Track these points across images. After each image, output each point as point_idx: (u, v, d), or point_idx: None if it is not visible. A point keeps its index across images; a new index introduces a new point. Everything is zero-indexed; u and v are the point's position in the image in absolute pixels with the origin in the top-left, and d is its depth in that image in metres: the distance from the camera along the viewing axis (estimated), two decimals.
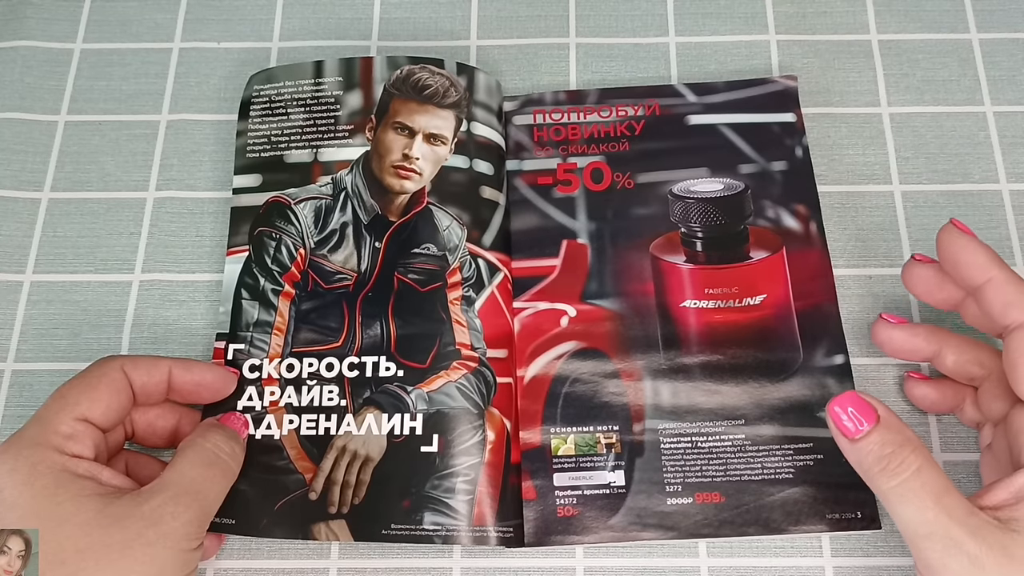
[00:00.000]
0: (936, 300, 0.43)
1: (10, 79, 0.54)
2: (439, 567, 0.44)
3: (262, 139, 0.50)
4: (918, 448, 0.36)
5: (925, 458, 0.36)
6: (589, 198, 0.50)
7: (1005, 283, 0.38)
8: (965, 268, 0.39)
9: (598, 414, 0.46)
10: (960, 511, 0.35)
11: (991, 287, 0.38)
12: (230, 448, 0.41)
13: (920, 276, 0.42)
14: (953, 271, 0.40)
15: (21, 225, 0.51)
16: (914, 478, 0.35)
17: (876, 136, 0.52)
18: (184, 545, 0.37)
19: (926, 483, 0.35)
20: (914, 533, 0.35)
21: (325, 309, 0.46)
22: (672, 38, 0.55)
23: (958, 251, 0.39)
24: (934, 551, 0.35)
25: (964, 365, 0.43)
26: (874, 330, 0.44)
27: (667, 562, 0.44)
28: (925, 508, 0.35)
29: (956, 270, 0.40)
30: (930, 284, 0.42)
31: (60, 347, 0.48)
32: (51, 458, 0.37)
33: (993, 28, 0.54)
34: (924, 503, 0.35)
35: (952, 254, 0.40)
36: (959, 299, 0.42)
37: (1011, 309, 0.38)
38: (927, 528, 0.35)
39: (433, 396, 0.44)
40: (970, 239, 0.39)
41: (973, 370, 0.43)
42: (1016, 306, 0.38)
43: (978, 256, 0.39)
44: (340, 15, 0.56)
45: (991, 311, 0.39)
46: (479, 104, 0.50)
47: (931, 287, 0.42)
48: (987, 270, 0.39)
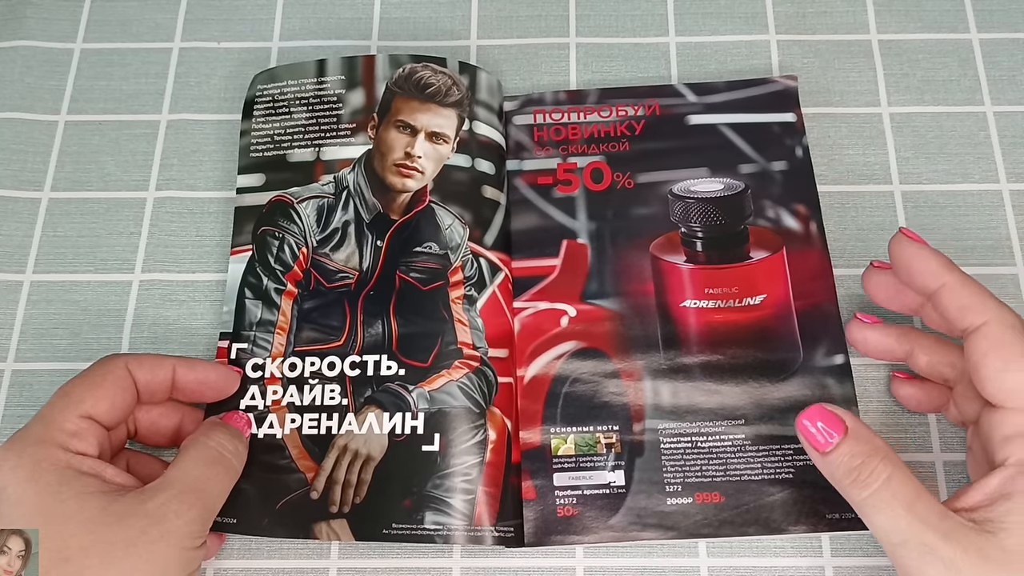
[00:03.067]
0: (897, 306, 0.43)
1: (10, 79, 0.54)
2: (439, 567, 0.44)
3: (265, 138, 0.50)
4: (887, 456, 0.37)
5: (895, 465, 0.36)
6: (589, 198, 0.50)
7: (959, 287, 0.39)
8: (919, 276, 0.40)
9: (598, 414, 0.46)
10: (933, 516, 0.35)
11: (945, 292, 0.39)
12: (233, 447, 0.41)
13: (879, 283, 0.43)
14: (907, 279, 0.41)
15: (21, 225, 0.51)
16: (884, 487, 0.36)
17: (876, 136, 0.52)
18: (187, 543, 0.37)
19: (897, 491, 0.36)
20: (889, 542, 0.36)
21: (327, 308, 0.46)
22: (672, 38, 0.55)
23: (910, 259, 0.40)
24: (910, 558, 0.35)
25: (936, 366, 0.43)
26: (848, 329, 0.45)
27: (667, 562, 0.44)
28: (897, 516, 0.35)
29: (910, 278, 0.40)
30: (889, 290, 0.43)
31: (60, 347, 0.48)
32: (55, 455, 0.37)
33: (993, 28, 0.55)
34: (896, 511, 0.35)
35: (905, 262, 0.40)
36: (919, 304, 0.42)
37: (967, 313, 0.38)
38: (901, 536, 0.35)
39: (435, 395, 0.44)
40: (921, 246, 0.40)
41: (945, 371, 0.43)
42: (971, 309, 0.38)
43: (930, 263, 0.39)
44: (340, 15, 0.56)
45: (948, 316, 0.39)
46: (481, 103, 0.50)
47: (890, 293, 0.43)
48: (940, 276, 0.39)
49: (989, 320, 0.38)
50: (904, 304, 0.43)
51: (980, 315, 0.38)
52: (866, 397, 0.46)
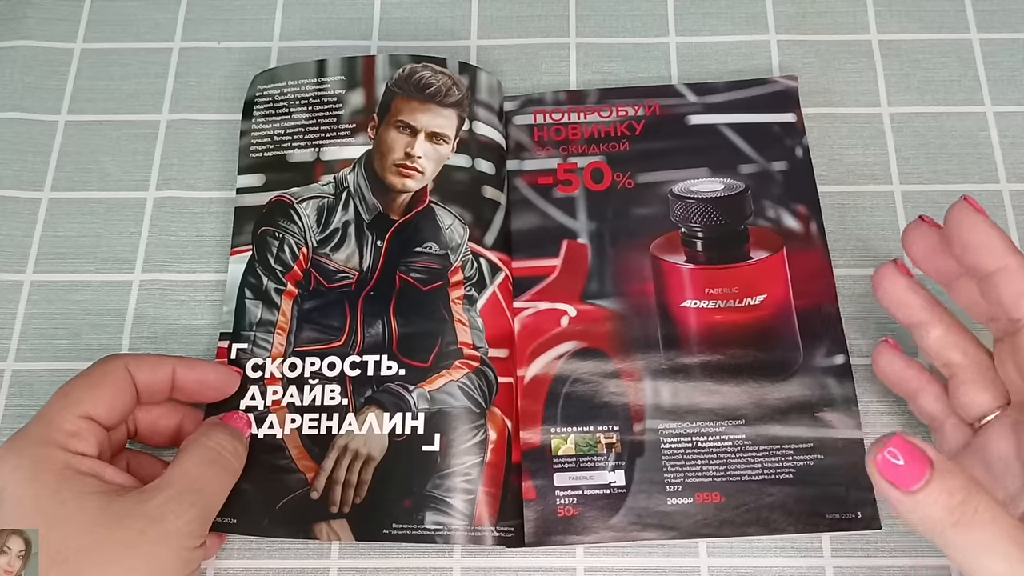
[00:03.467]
0: (931, 267, 0.40)
1: (10, 79, 0.54)
2: (439, 567, 0.44)
3: (265, 139, 0.50)
4: (981, 488, 0.32)
5: (991, 498, 0.32)
6: (589, 198, 0.50)
7: (1020, 271, 0.36)
8: (976, 251, 0.37)
9: (598, 414, 0.46)
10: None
11: (1004, 275, 0.36)
12: (233, 447, 0.41)
13: (923, 236, 0.40)
14: (962, 252, 0.37)
15: (21, 225, 0.51)
16: (993, 527, 0.31)
17: (876, 136, 0.52)
18: (187, 543, 0.37)
19: (1007, 530, 0.31)
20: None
21: (327, 308, 0.46)
22: (672, 38, 0.55)
23: (970, 231, 0.37)
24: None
25: (946, 346, 0.40)
26: (879, 275, 0.41)
27: (667, 562, 0.44)
28: (1013, 559, 0.30)
29: (966, 251, 0.37)
30: (929, 249, 0.40)
31: (60, 347, 0.48)
32: (55, 456, 0.37)
33: (993, 28, 0.55)
34: (1011, 553, 0.31)
35: (964, 233, 0.37)
36: (955, 275, 0.40)
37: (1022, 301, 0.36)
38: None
39: (435, 395, 0.44)
40: (984, 219, 0.37)
41: (952, 355, 0.40)
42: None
43: (993, 240, 0.36)
44: (340, 15, 0.56)
45: (1002, 300, 0.36)
46: (481, 103, 0.50)
47: (929, 252, 0.40)
48: (1002, 256, 0.36)
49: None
50: (940, 269, 0.40)
51: None
52: (866, 397, 0.46)
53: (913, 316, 0.41)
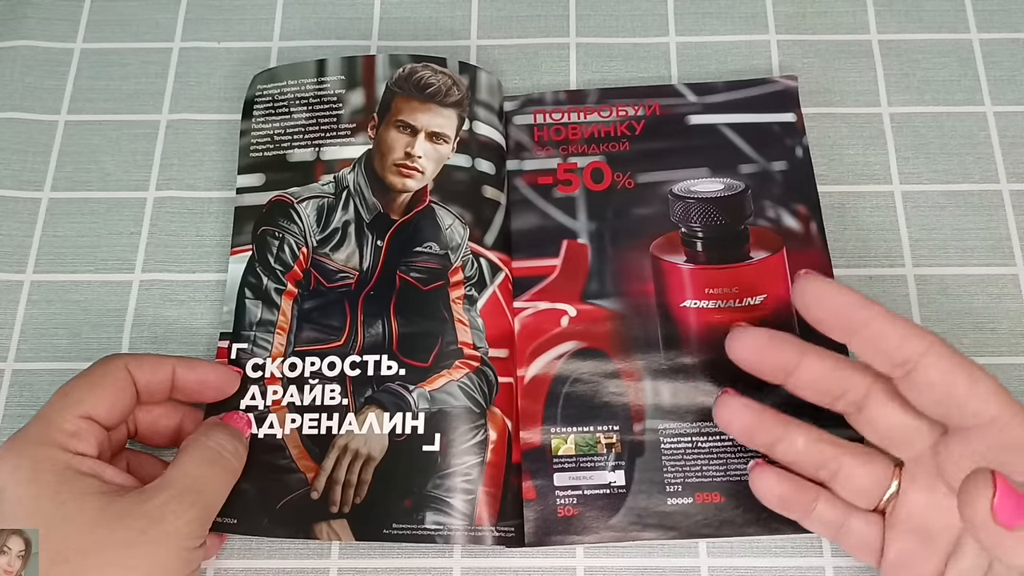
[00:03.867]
0: (765, 366, 0.39)
1: (10, 79, 0.54)
2: (439, 567, 0.44)
3: (265, 138, 0.50)
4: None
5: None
6: (589, 198, 0.50)
7: (893, 316, 0.36)
8: (839, 311, 0.36)
9: (598, 414, 0.46)
10: None
11: (880, 322, 0.35)
12: (233, 447, 0.41)
13: (751, 334, 0.39)
14: (824, 318, 0.36)
15: (21, 225, 0.51)
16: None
17: (876, 136, 0.52)
18: (187, 544, 0.37)
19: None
20: None
21: (327, 308, 0.46)
22: (672, 38, 0.55)
23: (824, 296, 0.36)
24: None
25: (817, 445, 0.39)
26: (719, 409, 0.40)
27: (667, 562, 0.44)
28: None
29: (827, 316, 0.36)
30: (759, 344, 0.39)
31: (60, 347, 0.48)
32: (55, 456, 0.37)
33: (993, 28, 0.55)
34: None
35: (820, 300, 0.36)
36: (792, 366, 0.38)
37: (910, 339, 0.35)
38: None
39: (435, 395, 0.44)
40: (831, 281, 0.37)
41: (827, 450, 0.39)
42: (915, 334, 0.35)
43: (851, 295, 0.36)
44: (340, 14, 0.56)
45: (887, 348, 0.35)
46: (481, 103, 0.50)
47: (760, 348, 0.39)
48: (867, 306, 0.36)
49: (934, 340, 0.35)
50: (775, 364, 0.38)
51: (925, 337, 0.35)
52: None
53: (770, 434, 0.40)
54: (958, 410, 0.35)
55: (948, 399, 0.35)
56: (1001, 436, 0.35)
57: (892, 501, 0.39)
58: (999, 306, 0.48)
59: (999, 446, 0.35)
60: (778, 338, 0.39)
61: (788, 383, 0.39)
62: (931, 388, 0.35)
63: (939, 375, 0.35)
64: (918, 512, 0.38)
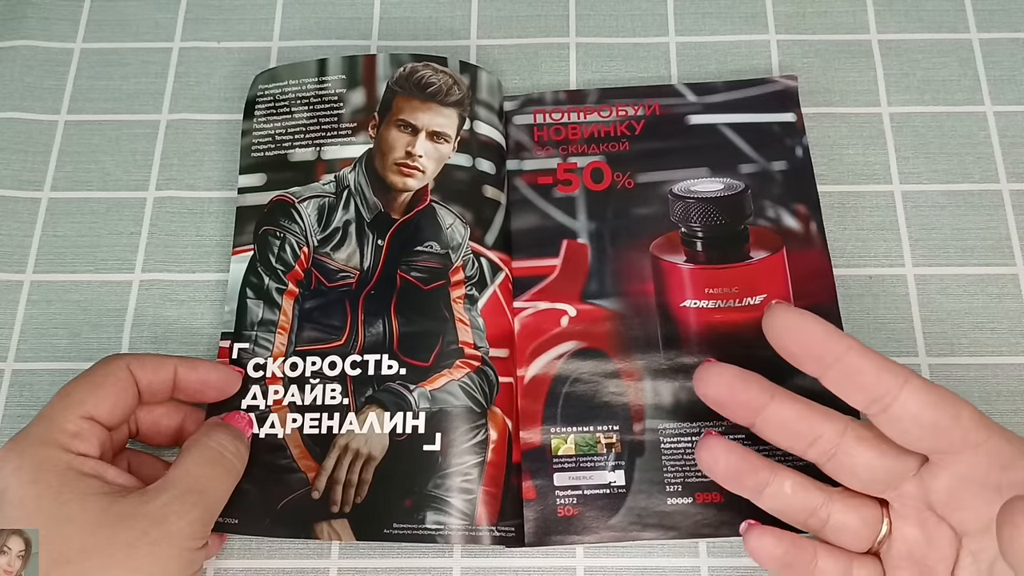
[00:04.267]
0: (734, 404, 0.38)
1: (10, 79, 0.54)
2: (439, 567, 0.44)
3: (266, 138, 0.50)
4: None
5: None
6: (589, 198, 0.50)
7: (867, 349, 0.35)
8: (813, 344, 0.36)
9: (598, 414, 0.46)
10: None
11: (855, 356, 0.35)
12: (235, 447, 0.41)
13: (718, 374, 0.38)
14: (798, 351, 0.36)
15: (21, 225, 0.51)
16: None
17: (876, 136, 0.52)
18: (189, 544, 0.37)
19: None
20: None
21: (328, 307, 0.46)
22: (672, 38, 0.55)
23: (800, 327, 0.36)
24: None
25: (806, 491, 0.38)
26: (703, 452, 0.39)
27: (667, 562, 0.44)
28: None
29: (802, 349, 0.36)
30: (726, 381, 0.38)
31: (60, 347, 0.48)
32: (57, 456, 0.36)
33: (993, 28, 0.55)
34: None
35: (794, 332, 0.36)
36: (761, 406, 0.38)
37: (885, 374, 0.35)
38: None
39: (436, 395, 0.44)
40: (805, 313, 0.36)
41: (815, 496, 0.38)
42: (890, 368, 0.35)
43: (825, 328, 0.36)
44: (340, 14, 0.56)
45: (863, 381, 0.35)
46: (481, 103, 0.50)
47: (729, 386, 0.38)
48: (842, 339, 0.35)
49: (909, 374, 0.35)
50: (743, 403, 0.38)
51: (900, 371, 0.35)
52: None
53: (758, 477, 0.39)
54: (945, 440, 0.35)
55: (933, 430, 0.35)
56: (989, 459, 0.35)
57: (885, 541, 0.39)
58: (999, 306, 0.48)
59: (988, 468, 0.35)
60: (746, 375, 0.38)
61: (756, 424, 0.39)
62: (914, 421, 0.35)
63: (921, 407, 0.35)
64: (914, 547, 0.38)
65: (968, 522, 0.36)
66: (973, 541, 0.37)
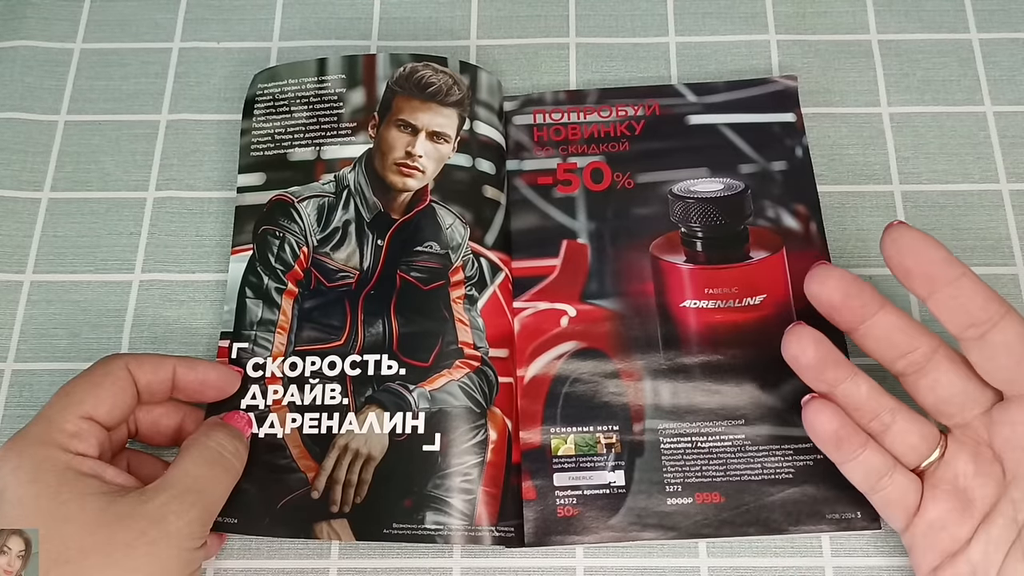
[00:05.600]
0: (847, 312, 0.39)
1: (10, 79, 0.54)
2: (439, 567, 0.44)
3: (266, 137, 0.50)
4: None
5: None
6: (589, 198, 0.50)
7: (978, 278, 0.37)
8: (931, 265, 0.37)
9: (598, 414, 0.46)
10: None
11: (967, 280, 0.37)
12: (234, 447, 0.41)
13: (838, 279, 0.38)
14: (913, 267, 0.37)
15: (21, 225, 0.51)
16: None
17: (876, 136, 0.52)
18: (187, 544, 0.37)
19: None
20: None
21: (328, 307, 0.46)
22: (672, 38, 0.55)
23: (919, 247, 0.37)
24: None
25: (879, 393, 0.39)
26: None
27: (667, 562, 0.44)
28: None
29: (917, 266, 0.37)
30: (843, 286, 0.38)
31: (60, 347, 0.48)
32: (56, 456, 0.37)
33: (993, 28, 0.55)
34: None
35: (914, 252, 0.37)
36: (869, 316, 0.39)
37: (992, 302, 0.37)
38: None
39: (435, 395, 0.44)
40: (924, 235, 0.37)
41: (885, 400, 0.39)
42: (996, 298, 0.37)
43: (943, 251, 0.37)
44: (340, 14, 0.56)
45: (971, 307, 0.36)
46: (481, 103, 0.50)
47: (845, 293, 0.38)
48: (958, 265, 0.37)
49: (1010, 308, 0.37)
50: (855, 308, 0.39)
51: (1003, 303, 0.37)
52: None
53: (839, 372, 0.39)
54: None
55: (1020, 363, 0.36)
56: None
57: (934, 465, 0.40)
58: None
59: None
60: (860, 282, 0.39)
61: (859, 331, 0.39)
62: (1007, 350, 0.36)
63: (1016, 339, 0.36)
64: (961, 476, 0.39)
65: (1022, 465, 0.37)
66: (1019, 488, 0.37)
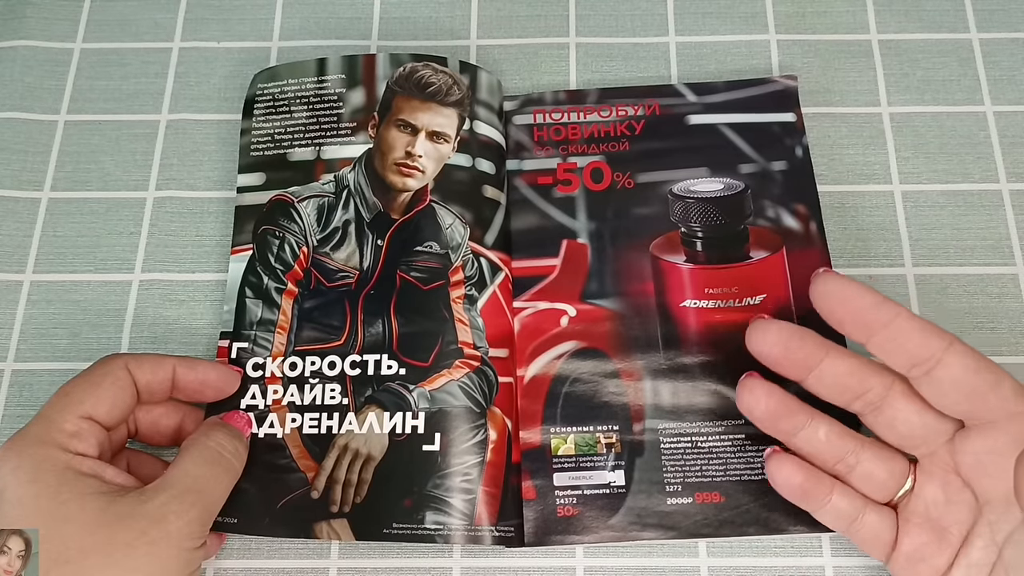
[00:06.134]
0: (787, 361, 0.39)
1: (10, 79, 0.54)
2: (439, 567, 0.44)
3: (265, 137, 0.50)
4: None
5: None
6: (589, 198, 0.50)
7: (912, 315, 0.36)
8: (863, 311, 0.36)
9: (598, 414, 0.46)
10: None
11: (903, 321, 0.36)
12: (233, 447, 0.41)
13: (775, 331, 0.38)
14: (845, 317, 0.37)
15: (21, 225, 0.51)
16: None
17: (876, 136, 0.52)
18: (187, 544, 0.37)
19: None
20: None
21: (327, 307, 0.46)
22: (672, 38, 0.55)
23: (848, 295, 0.36)
24: None
25: (840, 436, 0.39)
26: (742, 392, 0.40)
27: (667, 562, 0.44)
28: None
29: (850, 315, 0.37)
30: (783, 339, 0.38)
31: (60, 347, 0.48)
32: (55, 456, 0.37)
33: (993, 28, 0.55)
34: None
35: (843, 300, 0.37)
36: (815, 363, 0.38)
37: (931, 338, 0.36)
38: None
39: (435, 395, 0.44)
40: (853, 281, 0.37)
41: (847, 442, 0.39)
42: (935, 333, 0.36)
43: (874, 295, 0.36)
44: (340, 14, 0.56)
45: (909, 347, 0.36)
46: (481, 103, 0.50)
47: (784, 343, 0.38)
48: (891, 307, 0.36)
49: (953, 339, 0.36)
50: (799, 359, 0.38)
51: (944, 336, 0.36)
52: None
53: (793, 421, 0.39)
54: (983, 406, 0.36)
55: (972, 396, 0.36)
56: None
57: (906, 497, 0.39)
58: (999, 306, 0.48)
59: (1021, 439, 0.36)
60: (803, 333, 0.39)
61: (808, 380, 0.39)
62: (955, 385, 0.36)
63: (963, 372, 0.36)
64: (933, 507, 0.39)
65: (992, 490, 0.37)
66: (993, 511, 0.37)
